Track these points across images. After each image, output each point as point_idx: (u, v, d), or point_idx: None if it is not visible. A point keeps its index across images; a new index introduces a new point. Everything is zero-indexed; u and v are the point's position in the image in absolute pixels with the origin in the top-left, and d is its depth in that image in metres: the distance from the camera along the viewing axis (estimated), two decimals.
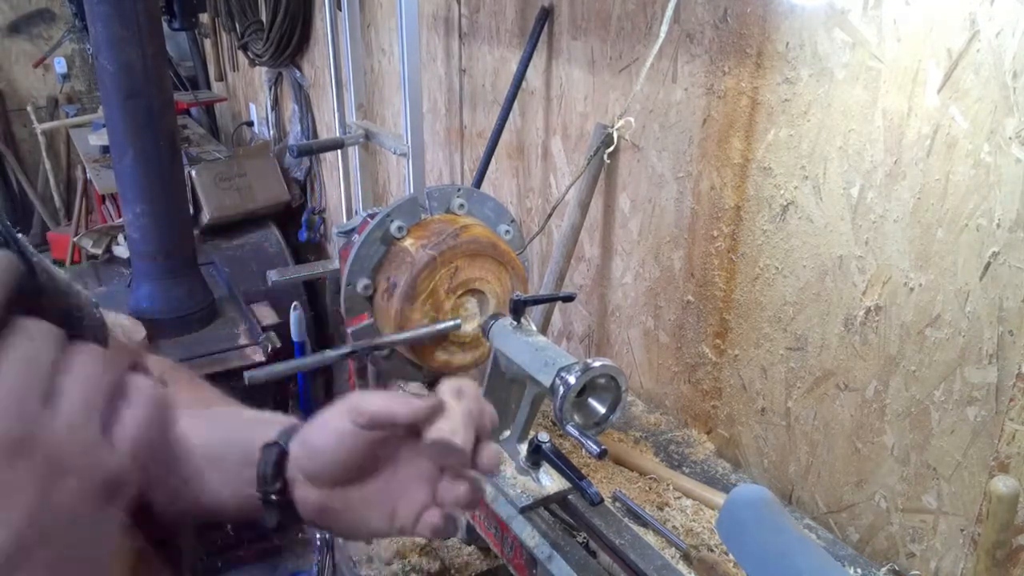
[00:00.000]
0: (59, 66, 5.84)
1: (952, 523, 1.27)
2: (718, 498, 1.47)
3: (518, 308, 1.16)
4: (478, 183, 2.23)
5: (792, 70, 1.36)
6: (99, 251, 3.67)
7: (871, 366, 1.35)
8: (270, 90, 4.34)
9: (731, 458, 1.68)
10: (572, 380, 0.99)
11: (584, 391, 1.03)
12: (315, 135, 3.95)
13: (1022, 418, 1.12)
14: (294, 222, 4.19)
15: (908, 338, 1.27)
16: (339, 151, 2.71)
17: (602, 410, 1.06)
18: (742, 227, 1.54)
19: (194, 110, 5.61)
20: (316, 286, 3.92)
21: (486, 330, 1.19)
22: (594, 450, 0.98)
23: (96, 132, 4.55)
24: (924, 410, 1.27)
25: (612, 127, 1.65)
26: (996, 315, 1.14)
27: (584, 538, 1.21)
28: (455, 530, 0.66)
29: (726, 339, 1.64)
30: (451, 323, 1.30)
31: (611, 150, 1.73)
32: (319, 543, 1.51)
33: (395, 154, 2.39)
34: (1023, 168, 1.07)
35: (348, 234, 1.45)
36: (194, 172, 3.76)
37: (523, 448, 1.22)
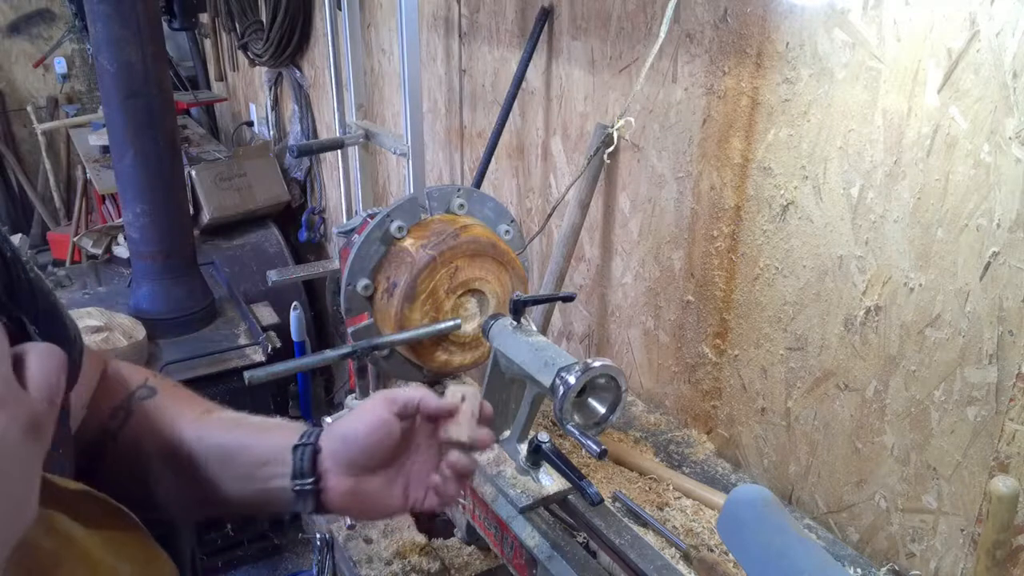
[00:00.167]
0: (59, 66, 5.84)
1: (952, 523, 1.27)
2: (718, 498, 1.47)
3: (518, 308, 1.16)
4: (478, 183, 2.23)
5: (792, 70, 1.36)
6: (99, 251, 3.67)
7: (871, 366, 1.35)
8: (270, 90, 4.34)
9: (731, 458, 1.68)
10: (572, 380, 0.99)
11: (584, 391, 1.03)
12: (315, 135, 3.95)
13: (1022, 418, 1.11)
14: (294, 222, 4.19)
15: (908, 338, 1.27)
16: (339, 151, 2.71)
17: (602, 410, 1.06)
18: (742, 227, 1.54)
19: (194, 110, 5.61)
20: (316, 286, 3.92)
21: (486, 330, 1.19)
22: (594, 450, 0.98)
23: (96, 132, 4.55)
24: (924, 410, 1.27)
25: (612, 127, 1.65)
26: (996, 315, 1.14)
27: (584, 538, 1.21)
28: (454, 502, 0.84)
29: (726, 339, 1.64)
30: (451, 323, 1.30)
31: (611, 150, 1.73)
32: (319, 543, 1.51)
33: (395, 154, 2.39)
34: (1023, 168, 1.07)
35: (348, 234, 1.45)
36: (194, 172, 3.77)
37: (523, 448, 1.22)
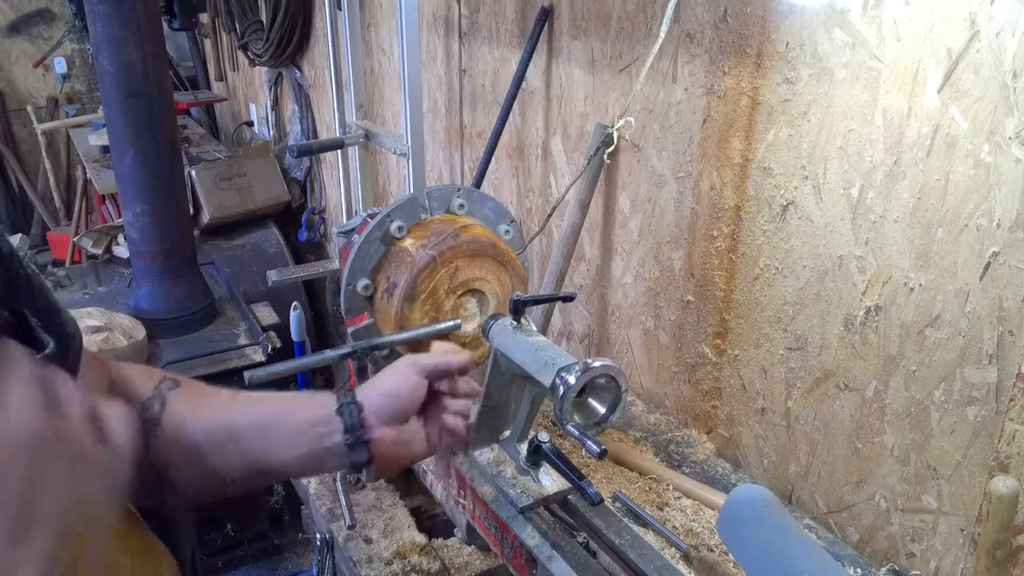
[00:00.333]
0: (59, 66, 5.84)
1: (952, 523, 1.27)
2: (718, 498, 1.47)
3: (518, 308, 1.16)
4: (478, 183, 2.23)
5: (792, 70, 1.36)
6: (99, 251, 3.67)
7: (871, 366, 1.35)
8: (270, 90, 4.34)
9: (731, 458, 1.68)
10: (572, 380, 0.99)
11: (584, 391, 1.03)
12: (315, 135, 3.95)
13: (1022, 418, 1.12)
14: (294, 222, 4.19)
15: (908, 338, 1.27)
16: (339, 151, 2.71)
17: (602, 410, 1.05)
18: (742, 227, 1.54)
19: (194, 110, 5.61)
20: (316, 286, 3.92)
21: (486, 330, 1.18)
22: (594, 450, 0.98)
23: (96, 132, 4.55)
24: (924, 410, 1.27)
25: (612, 127, 1.65)
26: (996, 315, 1.14)
27: (584, 538, 1.21)
28: (460, 440, 1.01)
29: (726, 339, 1.64)
30: (451, 323, 1.30)
31: (611, 150, 1.73)
32: (319, 543, 1.51)
33: (395, 154, 2.39)
34: (1023, 168, 1.07)
35: (348, 234, 1.45)
36: (194, 172, 3.77)
37: (523, 448, 1.22)
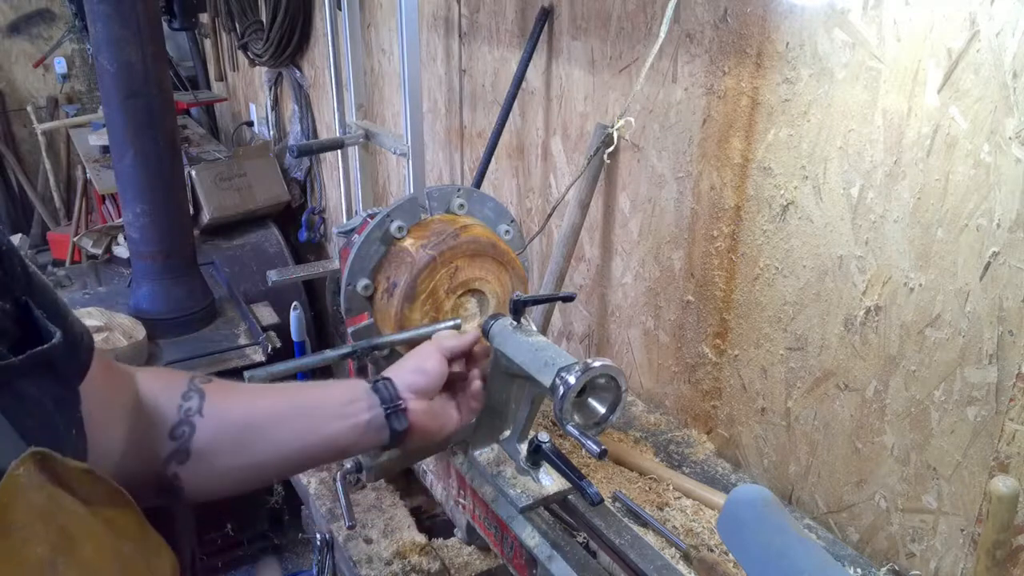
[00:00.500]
0: (59, 66, 5.84)
1: (952, 523, 1.27)
2: (718, 498, 1.47)
3: (518, 308, 1.16)
4: (478, 183, 2.23)
5: (792, 70, 1.36)
6: (99, 251, 3.67)
7: (871, 366, 1.35)
8: (270, 90, 4.34)
9: (731, 458, 1.68)
10: (572, 380, 0.99)
11: (584, 391, 1.03)
12: (315, 135, 3.95)
13: (1022, 418, 1.12)
14: (294, 222, 4.19)
15: (908, 338, 1.27)
16: (339, 151, 2.71)
17: (602, 410, 1.05)
18: (742, 227, 1.54)
19: (194, 110, 5.61)
20: (316, 286, 3.92)
21: (486, 330, 1.18)
22: (594, 450, 0.98)
23: (96, 132, 4.55)
24: (924, 410, 1.27)
25: (612, 127, 1.65)
26: (996, 315, 1.14)
27: (584, 538, 1.21)
28: (479, 410, 1.15)
29: (726, 339, 1.64)
30: (451, 323, 1.29)
31: (611, 150, 1.73)
32: (319, 543, 1.51)
33: (395, 154, 2.39)
34: (1023, 168, 1.07)
35: (348, 234, 1.45)
36: (194, 172, 3.77)
37: (523, 448, 1.22)
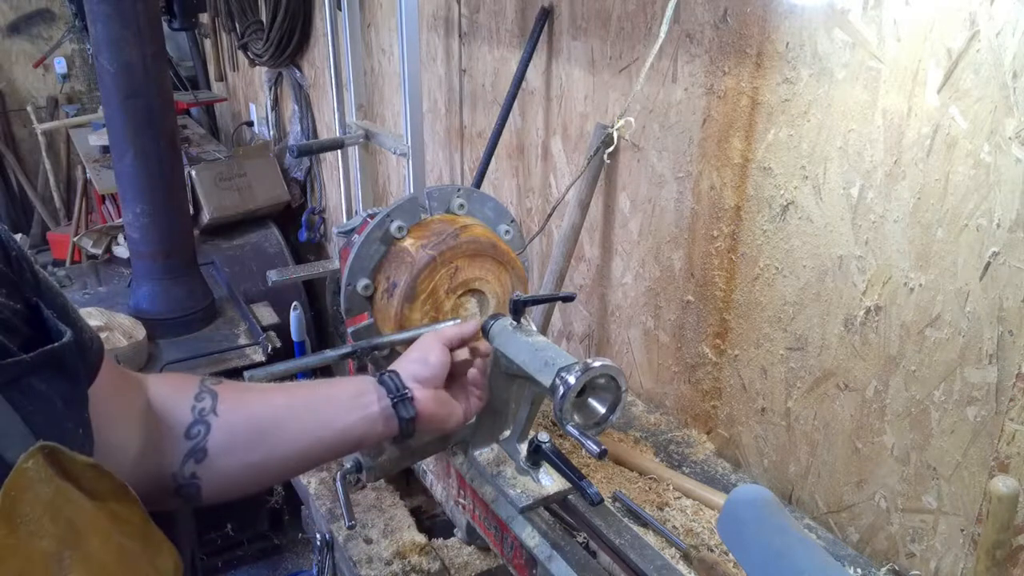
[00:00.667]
0: (59, 66, 5.84)
1: (952, 523, 1.27)
2: (718, 498, 1.47)
3: (518, 308, 1.15)
4: (478, 183, 2.23)
5: (792, 70, 1.36)
6: (99, 251, 3.67)
7: (871, 366, 1.35)
8: (270, 90, 4.34)
9: (731, 458, 1.68)
10: (572, 380, 0.99)
11: (584, 391, 1.02)
12: (315, 135, 3.95)
13: (1022, 418, 1.12)
14: (294, 222, 4.19)
15: (908, 338, 1.27)
16: (339, 151, 2.71)
17: (602, 410, 1.05)
18: (742, 227, 1.54)
19: (194, 110, 5.61)
20: (316, 286, 3.92)
21: (486, 330, 1.18)
22: (594, 450, 0.98)
23: (96, 132, 4.55)
24: (924, 410, 1.27)
25: (612, 127, 1.65)
26: (996, 315, 1.14)
27: (584, 538, 1.21)
28: (485, 399, 1.15)
29: (726, 339, 1.64)
30: (451, 323, 1.30)
31: (611, 150, 1.73)
32: (319, 543, 1.51)
33: (395, 154, 2.39)
34: (1023, 168, 1.07)
35: (348, 234, 1.45)
36: (194, 172, 3.76)
37: (523, 448, 1.22)
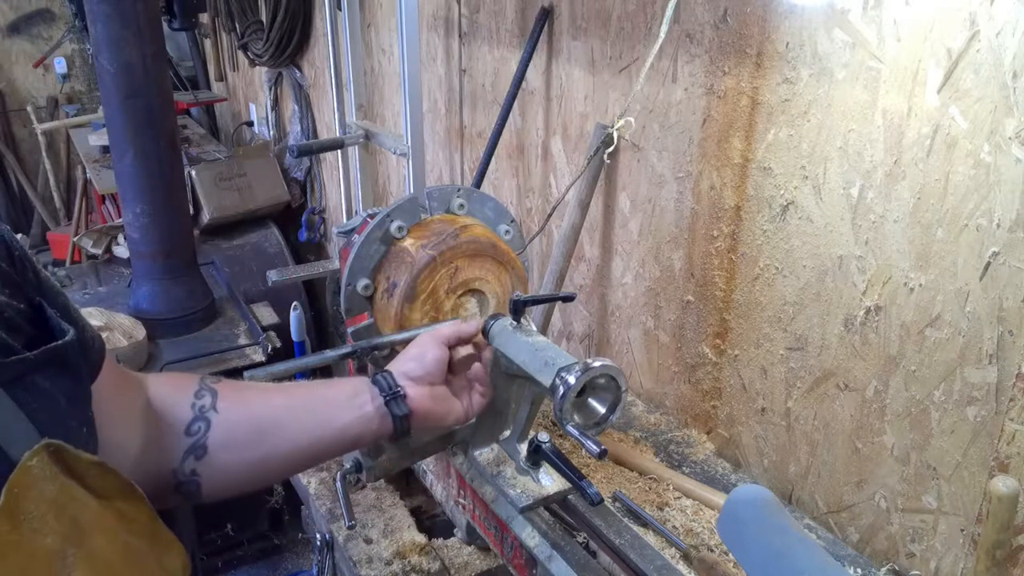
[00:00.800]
0: (59, 66, 5.84)
1: (952, 523, 1.27)
2: (718, 498, 1.47)
3: (518, 308, 1.15)
4: (478, 183, 2.23)
5: (792, 70, 1.36)
6: (99, 251, 3.67)
7: (871, 366, 1.35)
8: (270, 90, 4.34)
9: (731, 458, 1.68)
10: (572, 380, 0.99)
11: (584, 391, 1.02)
12: (315, 135, 3.95)
13: (1022, 418, 1.12)
14: (294, 222, 4.19)
15: (908, 338, 1.27)
16: (339, 151, 2.71)
17: (602, 410, 1.05)
18: (742, 227, 1.54)
19: (194, 110, 5.61)
20: (316, 286, 3.92)
21: (486, 330, 1.18)
22: (594, 450, 0.98)
23: (96, 132, 4.55)
24: (924, 410, 1.27)
25: (612, 127, 1.65)
26: (996, 315, 1.14)
27: (584, 538, 1.21)
28: (488, 396, 1.14)
29: (726, 339, 1.64)
30: (450, 323, 1.29)
31: (611, 150, 1.73)
32: (319, 543, 1.51)
33: (395, 154, 2.39)
34: (1023, 168, 1.07)
35: (348, 234, 1.45)
36: (194, 172, 3.76)
37: (523, 448, 1.22)
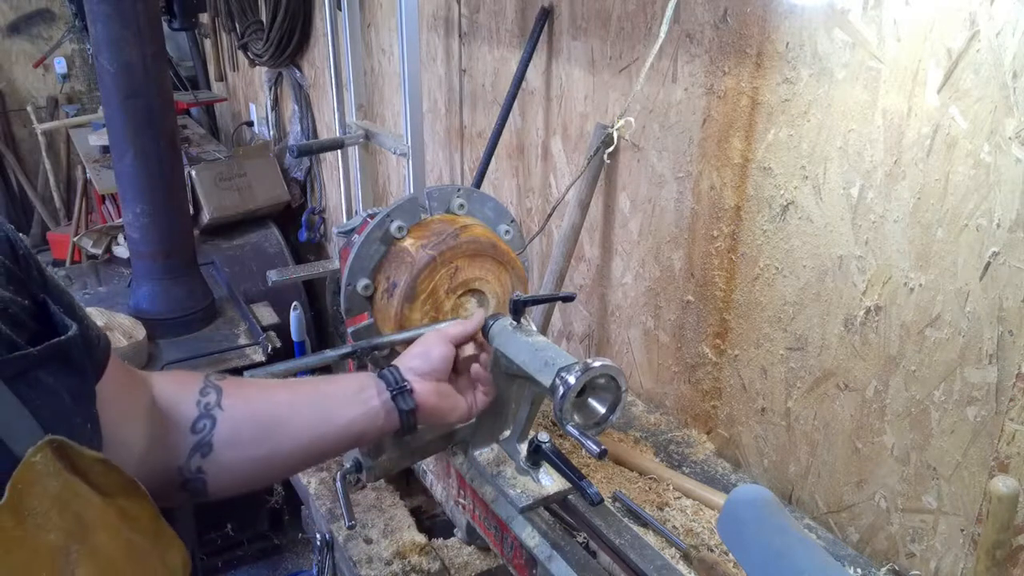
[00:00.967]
0: (59, 66, 5.83)
1: (952, 523, 1.27)
2: (718, 498, 1.47)
3: (518, 308, 1.15)
4: (478, 183, 2.23)
5: (792, 70, 1.36)
6: (99, 251, 3.67)
7: (871, 366, 1.35)
8: (270, 90, 4.34)
9: (731, 458, 1.68)
10: (572, 380, 0.99)
11: (584, 391, 1.02)
12: (315, 135, 3.95)
13: (1022, 418, 1.12)
14: (294, 222, 4.19)
15: (908, 338, 1.27)
16: (339, 151, 2.71)
17: (602, 410, 1.05)
18: (742, 227, 1.54)
19: (194, 110, 5.61)
20: (316, 286, 3.92)
21: (486, 330, 1.18)
22: (594, 450, 0.98)
23: (96, 132, 4.54)
24: (924, 410, 1.27)
25: (612, 127, 1.65)
26: (996, 315, 1.14)
27: (584, 538, 1.21)
28: (491, 393, 1.14)
29: (726, 339, 1.64)
30: (452, 322, 1.29)
31: (611, 150, 1.73)
32: (319, 543, 1.51)
33: (395, 154, 2.39)
34: (1023, 168, 1.07)
35: (348, 234, 1.45)
36: (194, 172, 3.76)
37: (523, 448, 1.22)
